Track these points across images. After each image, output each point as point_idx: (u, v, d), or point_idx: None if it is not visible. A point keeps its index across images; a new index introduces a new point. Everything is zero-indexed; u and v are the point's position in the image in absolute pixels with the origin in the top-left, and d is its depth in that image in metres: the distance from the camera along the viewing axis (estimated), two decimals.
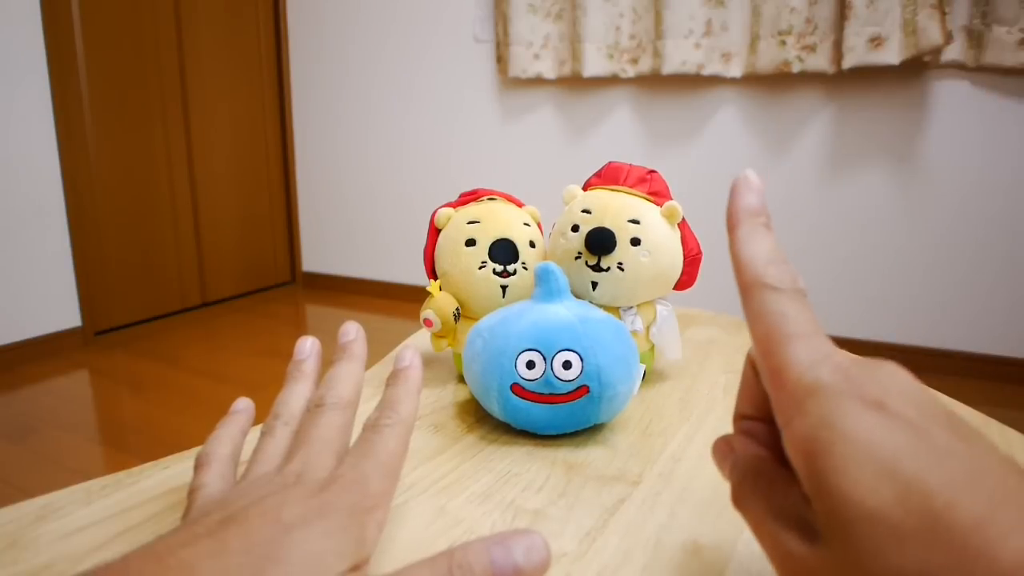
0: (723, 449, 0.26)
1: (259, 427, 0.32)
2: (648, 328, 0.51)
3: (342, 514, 0.24)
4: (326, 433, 0.28)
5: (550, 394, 0.40)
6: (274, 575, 0.20)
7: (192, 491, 0.28)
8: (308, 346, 0.34)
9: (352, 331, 0.33)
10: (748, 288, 0.22)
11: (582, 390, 0.40)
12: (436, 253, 0.52)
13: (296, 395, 0.32)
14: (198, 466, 0.30)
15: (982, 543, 0.16)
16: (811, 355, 0.20)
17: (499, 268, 0.49)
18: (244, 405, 0.35)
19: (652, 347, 0.52)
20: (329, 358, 0.33)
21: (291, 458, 0.27)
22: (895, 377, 0.20)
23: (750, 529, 0.23)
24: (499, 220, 0.50)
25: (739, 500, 0.24)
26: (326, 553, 0.22)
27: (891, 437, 0.18)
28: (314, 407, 0.29)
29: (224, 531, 0.22)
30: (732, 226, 0.23)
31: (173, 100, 2.57)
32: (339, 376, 0.31)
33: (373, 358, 0.58)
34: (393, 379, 0.31)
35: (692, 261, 0.50)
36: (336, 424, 0.29)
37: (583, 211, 0.49)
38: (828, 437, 0.19)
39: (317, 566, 0.21)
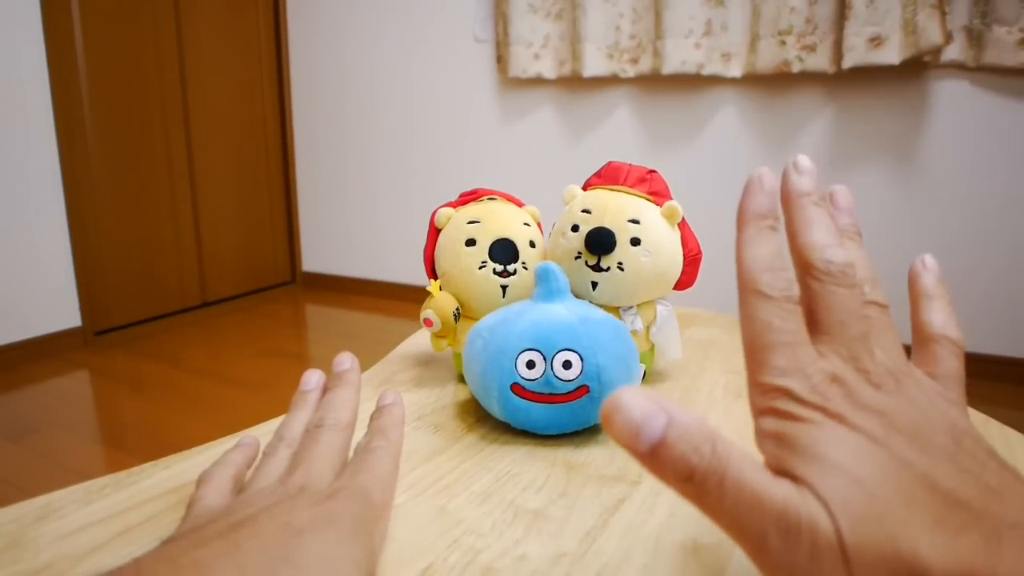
0: None
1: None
2: (648, 328, 0.51)
3: (350, 521, 0.24)
4: (326, 450, 0.29)
5: (550, 394, 0.40)
6: (286, 573, 0.20)
7: (191, 503, 0.29)
8: (315, 379, 0.36)
9: (347, 361, 0.36)
10: (743, 292, 0.23)
11: (582, 390, 0.40)
12: (436, 253, 0.52)
13: (299, 421, 0.33)
14: (199, 483, 0.30)
15: (903, 553, 0.17)
16: (787, 363, 0.21)
17: (499, 268, 0.49)
18: (250, 440, 0.36)
19: (652, 347, 0.52)
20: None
21: (293, 471, 0.28)
22: (863, 394, 0.21)
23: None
24: (499, 220, 0.50)
25: None
26: (341, 559, 0.22)
27: (841, 442, 0.19)
28: (314, 427, 0.31)
29: (236, 534, 0.22)
30: (739, 226, 0.24)
31: (173, 100, 2.57)
32: (337, 401, 0.33)
33: (373, 357, 0.58)
34: (379, 414, 0.34)
35: (692, 261, 0.50)
36: (335, 443, 0.30)
37: (583, 211, 0.49)
38: (788, 432, 0.20)
39: (333, 571, 0.21)
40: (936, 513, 0.18)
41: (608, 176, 0.51)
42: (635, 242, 0.47)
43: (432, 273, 0.52)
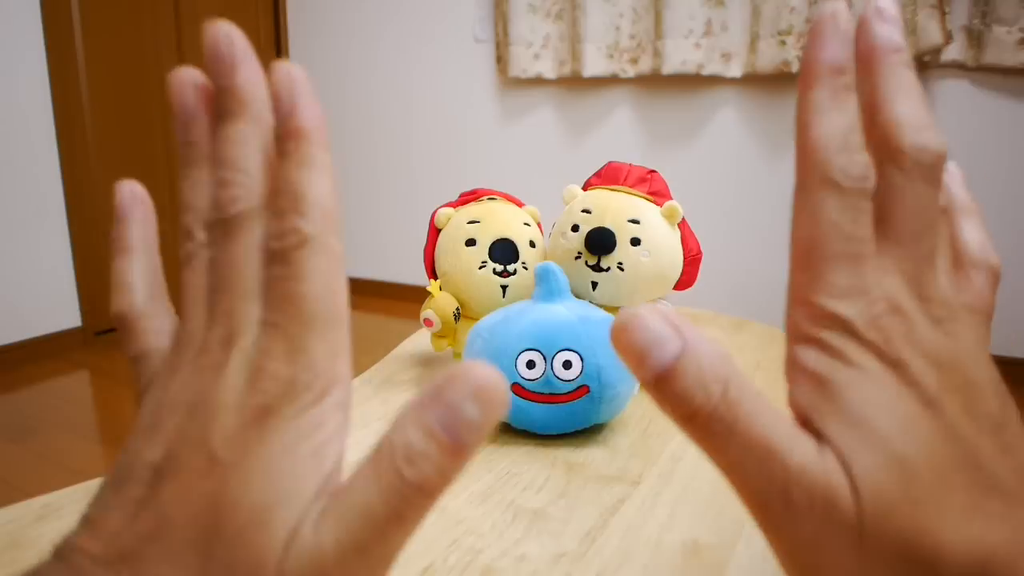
0: None
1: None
2: None
3: (285, 430, 0.17)
4: (232, 273, 0.19)
5: (550, 394, 0.40)
6: (221, 553, 0.16)
7: (134, 360, 0.21)
8: (192, 98, 0.21)
9: (234, 44, 0.19)
10: (807, 177, 0.18)
11: (582, 390, 0.40)
12: (436, 253, 0.52)
13: (203, 191, 0.21)
14: (122, 329, 0.21)
15: (925, 546, 0.15)
16: (851, 282, 0.17)
17: (499, 268, 0.49)
18: (129, 195, 0.22)
19: None
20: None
21: (213, 318, 0.19)
22: (922, 332, 0.17)
23: None
24: (499, 220, 0.50)
25: None
26: (274, 505, 0.16)
27: (892, 405, 0.16)
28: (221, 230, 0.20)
29: (159, 495, 0.17)
30: (806, 83, 0.18)
31: None
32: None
33: (373, 358, 0.58)
34: (284, 147, 0.19)
35: (692, 261, 0.50)
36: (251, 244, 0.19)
37: (583, 211, 0.49)
38: (832, 378, 0.16)
39: (265, 522, 0.16)
40: (970, 498, 0.16)
41: (608, 176, 0.51)
42: (635, 242, 0.47)
43: (432, 273, 0.52)
